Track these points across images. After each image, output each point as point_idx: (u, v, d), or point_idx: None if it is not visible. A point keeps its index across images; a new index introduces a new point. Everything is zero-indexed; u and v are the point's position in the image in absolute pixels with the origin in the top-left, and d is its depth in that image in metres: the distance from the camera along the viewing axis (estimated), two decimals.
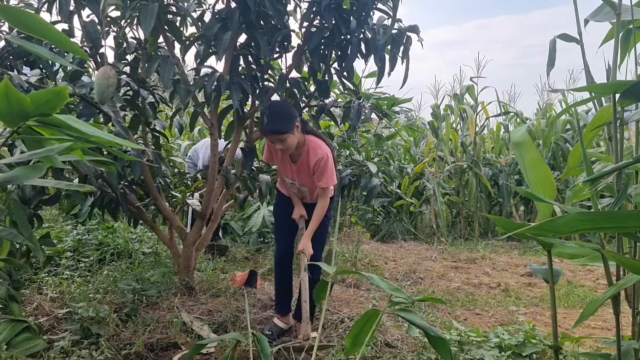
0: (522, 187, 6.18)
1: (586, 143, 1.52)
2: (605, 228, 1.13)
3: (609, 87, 1.35)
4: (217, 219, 3.60)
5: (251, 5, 2.65)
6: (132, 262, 3.96)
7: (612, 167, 1.28)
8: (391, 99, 4.66)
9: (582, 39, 1.52)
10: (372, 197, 4.16)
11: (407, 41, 3.05)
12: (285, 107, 2.80)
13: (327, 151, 2.73)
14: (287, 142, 2.63)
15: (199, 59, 3.14)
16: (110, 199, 3.07)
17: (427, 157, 7.41)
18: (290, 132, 2.61)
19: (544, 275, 1.54)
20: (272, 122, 2.61)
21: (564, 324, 3.35)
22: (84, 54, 1.26)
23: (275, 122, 2.61)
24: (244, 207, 5.26)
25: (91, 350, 2.50)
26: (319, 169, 2.72)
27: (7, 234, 1.86)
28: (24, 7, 2.94)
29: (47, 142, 1.14)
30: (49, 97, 1.02)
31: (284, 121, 2.60)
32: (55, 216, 5.68)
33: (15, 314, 2.52)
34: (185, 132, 7.41)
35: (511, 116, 8.06)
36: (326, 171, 2.71)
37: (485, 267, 5.20)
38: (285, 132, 2.60)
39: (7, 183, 1.67)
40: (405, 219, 7.26)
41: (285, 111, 2.68)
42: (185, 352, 2.55)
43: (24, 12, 1.07)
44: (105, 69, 2.43)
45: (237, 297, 3.41)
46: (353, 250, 4.97)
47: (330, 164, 2.72)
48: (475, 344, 2.66)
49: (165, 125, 3.41)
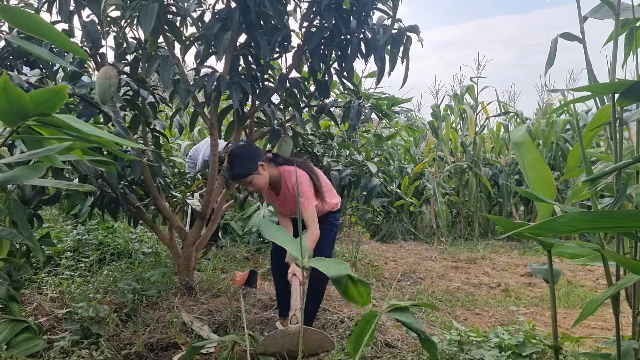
0: (522, 187, 6.18)
1: (586, 143, 1.52)
2: (605, 228, 1.13)
3: (608, 87, 1.35)
4: (217, 219, 3.60)
5: (251, 5, 2.65)
6: (132, 262, 3.96)
7: (611, 167, 1.28)
8: (391, 99, 4.67)
9: (585, 37, 1.51)
10: (372, 197, 4.16)
11: (407, 41, 3.05)
12: (245, 150, 2.76)
13: (301, 174, 2.69)
14: (255, 183, 2.62)
15: (199, 59, 3.14)
16: (110, 199, 3.07)
17: (427, 157, 7.41)
18: (253, 173, 2.59)
19: (544, 275, 1.54)
20: (233, 167, 2.62)
21: (564, 324, 3.35)
22: (84, 54, 1.26)
23: (236, 167, 2.61)
24: (244, 207, 5.26)
25: (91, 350, 2.50)
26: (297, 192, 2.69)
27: (7, 233, 1.86)
28: (24, 7, 2.94)
29: (46, 141, 1.14)
30: (48, 96, 1.02)
31: (245, 164, 2.60)
32: (55, 216, 5.68)
33: (15, 314, 2.52)
34: (185, 132, 7.41)
35: (511, 116, 8.06)
36: (304, 194, 2.65)
37: (485, 267, 5.20)
38: (248, 175, 2.59)
39: (7, 183, 1.67)
40: (405, 219, 7.26)
41: (246, 154, 2.66)
42: (185, 352, 2.55)
43: (24, 12, 1.07)
44: (106, 69, 2.43)
45: (237, 297, 3.41)
46: (353, 251, 4.97)
47: (306, 187, 2.66)
48: (475, 344, 2.66)
49: (165, 125, 3.41)
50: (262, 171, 2.63)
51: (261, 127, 3.55)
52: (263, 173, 2.64)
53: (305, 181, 2.68)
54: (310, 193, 2.68)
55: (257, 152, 2.70)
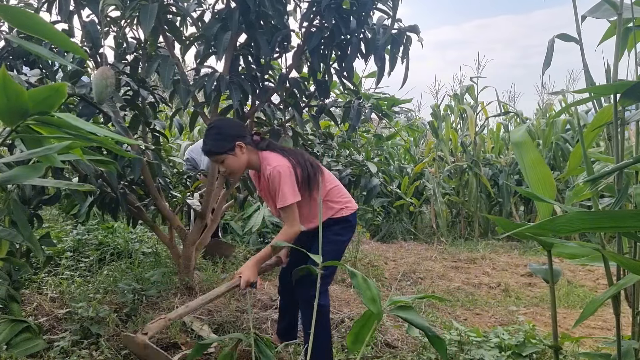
0: (522, 187, 6.17)
1: (587, 143, 1.52)
2: (606, 228, 1.13)
3: (609, 88, 1.35)
4: (217, 219, 3.60)
5: (251, 5, 2.65)
6: (132, 262, 3.96)
7: (612, 167, 1.28)
8: (391, 99, 4.67)
9: (582, 38, 1.51)
10: (372, 197, 4.16)
11: (407, 41, 3.05)
12: (225, 125, 2.41)
13: (280, 164, 2.28)
14: (227, 164, 2.32)
15: (199, 59, 3.14)
16: (110, 199, 3.07)
17: (427, 157, 7.41)
18: (227, 153, 2.29)
19: (544, 275, 1.54)
20: (206, 142, 2.33)
21: (564, 324, 3.35)
22: (83, 53, 1.25)
23: (210, 142, 2.32)
24: (244, 207, 5.25)
25: (91, 350, 2.50)
26: (272, 185, 2.30)
27: (7, 234, 1.86)
28: (24, 7, 2.94)
29: (46, 141, 1.14)
30: (47, 94, 1.02)
31: (219, 141, 2.29)
32: (55, 216, 5.68)
33: (15, 314, 2.52)
34: (185, 132, 7.41)
35: (511, 116, 8.06)
36: (279, 187, 2.25)
37: (485, 267, 5.19)
38: (221, 154, 2.30)
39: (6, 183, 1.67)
40: (405, 219, 7.25)
41: (225, 130, 2.34)
42: (185, 352, 2.54)
43: (24, 12, 1.07)
44: (103, 69, 2.43)
45: (237, 297, 3.41)
46: (353, 250, 4.97)
47: (282, 178, 2.24)
48: (475, 344, 2.66)
49: (165, 125, 3.41)
50: (238, 152, 2.30)
51: (261, 127, 3.54)
52: (240, 155, 2.31)
53: (284, 173, 2.26)
54: (289, 188, 2.26)
55: (238, 131, 2.36)
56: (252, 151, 2.37)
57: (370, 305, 1.32)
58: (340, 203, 2.47)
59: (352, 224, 2.50)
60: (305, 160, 2.38)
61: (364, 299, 1.34)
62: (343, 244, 2.53)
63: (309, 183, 2.34)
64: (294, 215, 2.29)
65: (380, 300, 1.35)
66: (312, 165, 2.38)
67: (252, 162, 2.38)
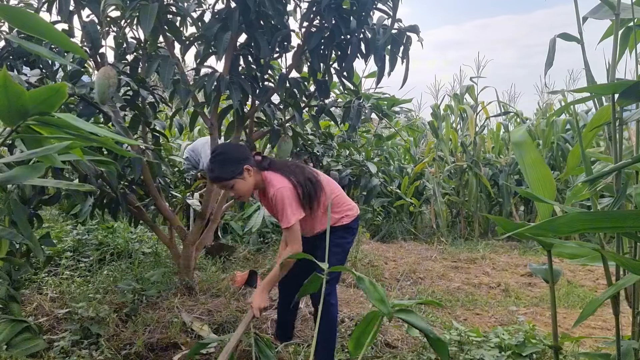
0: (522, 187, 6.18)
1: (586, 143, 1.52)
2: (605, 228, 1.13)
3: (608, 87, 1.35)
4: (217, 219, 3.60)
5: (251, 5, 2.65)
6: (132, 262, 3.96)
7: (611, 167, 1.28)
8: (391, 99, 4.67)
9: (583, 37, 1.51)
10: (372, 197, 4.17)
11: (407, 41, 3.05)
12: (231, 150, 2.43)
13: (282, 185, 2.32)
14: (237, 189, 2.35)
15: (199, 59, 3.15)
16: (110, 199, 3.07)
17: (427, 157, 7.40)
18: (236, 177, 2.30)
19: (544, 275, 1.54)
20: (214, 169, 2.33)
21: (564, 324, 3.35)
22: (84, 53, 1.26)
23: (217, 169, 2.32)
24: (244, 207, 5.26)
25: (91, 350, 2.50)
26: (276, 207, 2.33)
27: (7, 233, 1.86)
28: (24, 7, 2.94)
29: (46, 141, 1.14)
30: (48, 94, 1.02)
31: (227, 167, 2.30)
32: (55, 216, 5.68)
33: (15, 314, 2.52)
34: (185, 132, 7.41)
35: (511, 116, 8.05)
36: (282, 208, 2.29)
37: (485, 267, 5.19)
38: (230, 179, 2.31)
39: (6, 183, 1.67)
40: (405, 219, 7.25)
41: (231, 155, 2.35)
42: (185, 352, 2.55)
43: (24, 12, 1.08)
44: (105, 69, 2.43)
45: (237, 297, 3.41)
46: (353, 250, 4.97)
47: (286, 200, 2.28)
48: (475, 344, 2.66)
49: (165, 125, 3.41)
50: (247, 176, 2.33)
51: (261, 127, 3.55)
52: (248, 178, 2.34)
53: (287, 195, 2.30)
54: (292, 208, 2.30)
55: (243, 154, 2.38)
56: (256, 172, 2.40)
57: (379, 306, 1.36)
58: (341, 212, 2.51)
59: (354, 228, 2.58)
60: (306, 179, 2.40)
61: (372, 301, 1.37)
62: (347, 245, 2.61)
63: (310, 201, 2.40)
64: (297, 234, 2.35)
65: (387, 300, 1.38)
66: (312, 182, 2.41)
67: (258, 183, 2.42)
